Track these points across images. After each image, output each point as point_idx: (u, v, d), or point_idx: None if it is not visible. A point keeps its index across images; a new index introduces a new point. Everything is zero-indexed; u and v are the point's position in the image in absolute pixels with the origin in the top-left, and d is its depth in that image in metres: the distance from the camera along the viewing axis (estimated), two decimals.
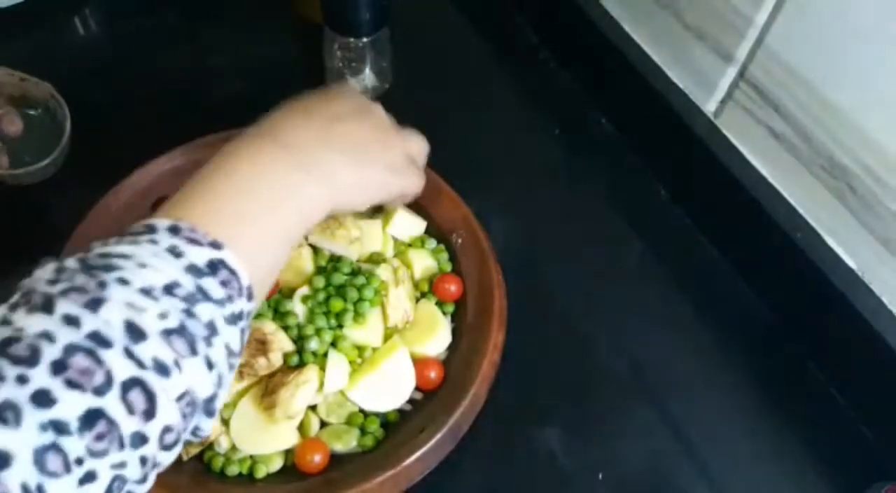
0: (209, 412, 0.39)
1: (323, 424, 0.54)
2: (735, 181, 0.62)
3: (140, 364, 0.34)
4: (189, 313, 0.36)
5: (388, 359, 0.54)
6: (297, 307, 0.55)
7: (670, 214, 0.70)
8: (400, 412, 0.55)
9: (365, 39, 0.70)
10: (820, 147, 0.56)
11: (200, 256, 0.38)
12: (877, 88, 0.50)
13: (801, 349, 0.62)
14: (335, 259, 0.58)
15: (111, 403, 0.33)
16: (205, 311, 0.37)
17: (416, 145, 0.56)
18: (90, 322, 0.34)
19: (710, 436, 0.58)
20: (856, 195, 0.54)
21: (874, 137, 0.51)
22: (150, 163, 0.62)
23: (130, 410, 0.33)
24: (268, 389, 0.52)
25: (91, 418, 0.32)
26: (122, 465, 0.33)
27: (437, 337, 0.57)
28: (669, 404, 0.59)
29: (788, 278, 0.61)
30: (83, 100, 0.72)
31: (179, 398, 0.36)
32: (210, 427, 0.39)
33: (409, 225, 0.62)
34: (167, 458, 0.37)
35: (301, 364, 0.53)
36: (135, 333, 0.34)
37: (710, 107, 0.65)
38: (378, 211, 0.62)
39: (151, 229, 0.38)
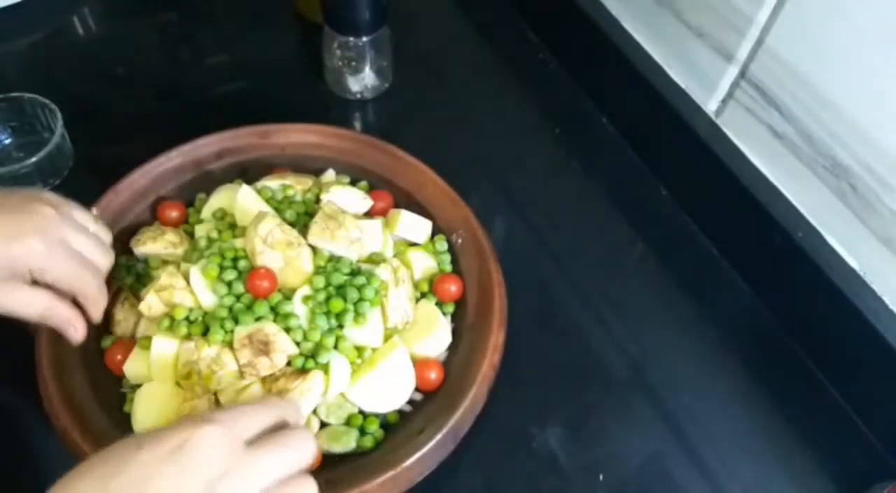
0: None
1: (322, 424, 0.54)
2: (736, 181, 0.62)
3: None
4: None
5: (388, 359, 0.54)
6: (298, 308, 0.55)
7: (670, 214, 0.70)
8: (399, 412, 0.55)
9: (365, 38, 0.71)
10: (821, 146, 0.55)
11: None
12: (878, 87, 0.50)
13: (802, 349, 0.62)
14: (335, 259, 0.58)
15: None
16: None
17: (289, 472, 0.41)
18: None
19: (710, 436, 0.58)
20: (857, 195, 0.54)
21: (875, 137, 0.51)
22: (149, 162, 0.62)
23: None
24: (272, 394, 0.52)
25: None
26: None
27: (436, 337, 0.57)
28: (669, 404, 0.59)
29: (789, 277, 0.61)
30: (82, 99, 0.72)
31: None
32: None
33: (415, 226, 0.62)
34: None
35: (304, 369, 0.53)
36: None
37: (711, 106, 0.65)
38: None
39: None
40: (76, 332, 0.51)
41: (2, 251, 0.47)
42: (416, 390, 0.55)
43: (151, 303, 0.54)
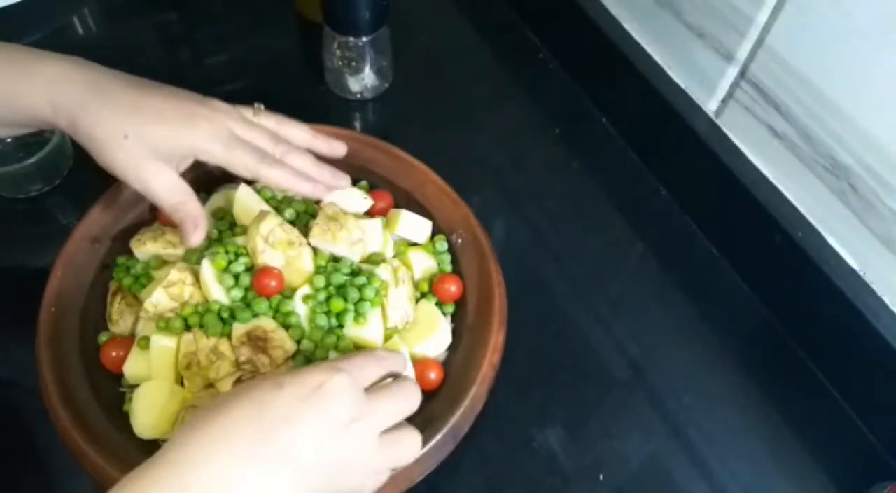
0: None
1: None
2: (736, 181, 0.62)
3: None
4: None
5: None
6: (299, 307, 0.55)
7: (671, 214, 0.70)
8: None
9: (365, 38, 0.70)
10: (821, 146, 0.55)
11: None
12: (878, 86, 0.50)
13: (802, 349, 0.62)
14: (335, 259, 0.58)
15: None
16: None
17: (398, 459, 0.45)
18: None
19: (710, 436, 0.58)
20: (857, 195, 0.54)
21: (876, 137, 0.51)
22: None
23: None
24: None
25: None
26: None
27: (437, 337, 0.57)
28: (669, 404, 0.59)
29: (789, 277, 0.61)
30: None
31: None
32: None
33: (416, 226, 0.62)
34: None
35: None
36: None
37: (711, 106, 0.65)
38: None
39: None
40: (195, 231, 0.53)
41: (174, 131, 0.51)
42: None
43: (158, 300, 0.54)
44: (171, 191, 0.52)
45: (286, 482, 0.38)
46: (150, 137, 0.50)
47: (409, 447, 0.45)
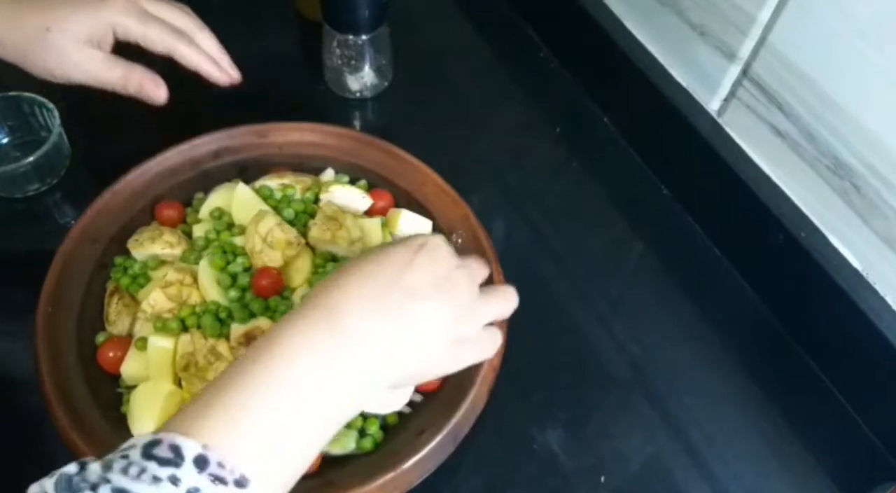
0: None
1: None
2: (738, 180, 0.61)
3: None
4: None
5: None
6: None
7: (672, 214, 0.69)
8: (399, 414, 0.55)
9: (364, 37, 0.70)
10: (824, 146, 0.55)
11: None
12: (881, 85, 0.50)
13: (804, 349, 0.61)
14: (334, 259, 0.57)
15: None
16: None
17: (498, 310, 0.47)
18: None
19: (711, 437, 0.57)
20: (860, 194, 0.54)
21: (879, 136, 0.51)
22: (147, 162, 0.62)
23: None
24: None
25: None
26: None
27: None
28: (670, 405, 0.59)
29: (791, 277, 0.61)
30: (80, 99, 0.72)
31: None
32: None
33: (416, 226, 0.62)
34: None
35: None
36: None
37: (713, 105, 0.64)
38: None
39: (177, 458, 0.35)
40: (158, 87, 0.58)
41: (89, 13, 0.54)
42: (416, 391, 0.55)
43: (155, 300, 0.54)
44: (110, 66, 0.56)
45: (410, 323, 0.42)
46: (70, 23, 0.53)
47: (507, 295, 0.47)
